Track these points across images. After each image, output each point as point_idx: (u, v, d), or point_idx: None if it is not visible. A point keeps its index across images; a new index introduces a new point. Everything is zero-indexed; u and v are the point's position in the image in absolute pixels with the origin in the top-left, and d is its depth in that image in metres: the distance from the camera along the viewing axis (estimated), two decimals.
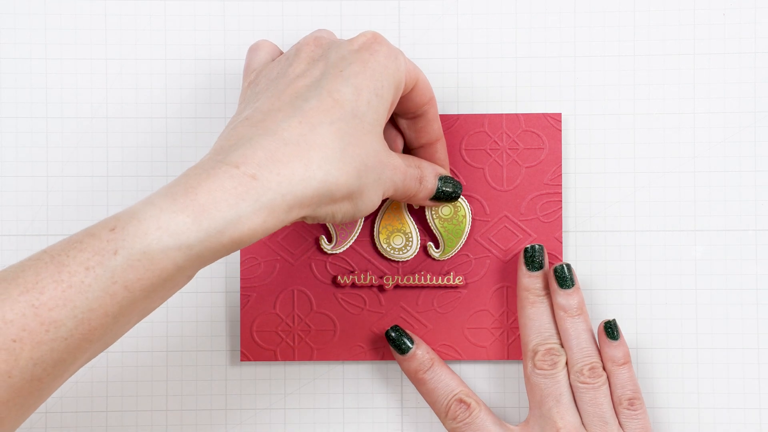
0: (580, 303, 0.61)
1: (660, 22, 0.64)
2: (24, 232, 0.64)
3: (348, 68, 0.51)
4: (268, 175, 0.47)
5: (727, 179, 0.64)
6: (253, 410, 0.64)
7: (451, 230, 0.63)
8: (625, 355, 0.60)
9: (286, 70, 0.53)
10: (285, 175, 0.48)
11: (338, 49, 0.53)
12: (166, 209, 0.46)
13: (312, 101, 0.50)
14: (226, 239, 0.47)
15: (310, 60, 0.53)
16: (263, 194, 0.47)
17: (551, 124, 0.63)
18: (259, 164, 0.47)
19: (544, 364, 0.60)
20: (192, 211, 0.46)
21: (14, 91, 0.64)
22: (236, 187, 0.47)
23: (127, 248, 0.45)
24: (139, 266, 0.45)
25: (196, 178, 0.47)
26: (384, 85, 0.52)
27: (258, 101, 0.52)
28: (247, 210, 0.47)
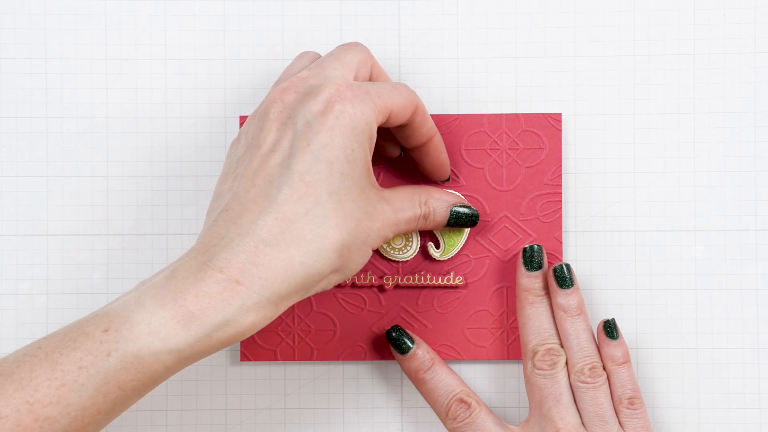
0: (579, 303, 0.61)
1: (660, 22, 0.64)
2: (24, 232, 0.64)
3: (315, 140, 0.51)
4: (251, 279, 0.49)
5: (727, 179, 0.64)
6: (253, 410, 0.64)
7: (451, 230, 0.63)
8: (625, 354, 0.60)
9: (257, 136, 0.53)
10: (267, 277, 0.50)
11: (303, 110, 0.52)
12: (156, 314, 0.48)
13: (284, 190, 0.51)
14: (215, 341, 0.49)
15: (279, 125, 0.53)
16: (248, 298, 0.49)
17: (551, 124, 0.63)
18: (241, 269, 0.49)
19: (543, 364, 0.60)
20: (182, 317, 0.48)
21: (14, 91, 0.64)
22: (222, 293, 0.49)
23: (120, 350, 0.48)
24: (131, 368, 0.48)
25: (184, 282, 0.49)
26: (355, 147, 0.52)
27: (235, 181, 0.53)
28: (233, 314, 0.49)
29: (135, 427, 0.64)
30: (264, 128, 0.53)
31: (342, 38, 0.64)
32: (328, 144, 0.51)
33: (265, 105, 0.54)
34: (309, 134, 0.51)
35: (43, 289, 0.64)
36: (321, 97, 0.52)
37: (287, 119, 0.53)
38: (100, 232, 0.64)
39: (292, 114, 0.52)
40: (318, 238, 0.51)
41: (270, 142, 0.53)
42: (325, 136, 0.51)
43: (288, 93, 0.53)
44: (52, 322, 0.64)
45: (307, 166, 0.51)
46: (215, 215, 0.52)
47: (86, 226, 0.64)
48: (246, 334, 0.50)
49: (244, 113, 0.64)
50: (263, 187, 0.51)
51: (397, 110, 0.55)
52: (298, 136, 0.51)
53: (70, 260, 0.64)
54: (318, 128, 0.51)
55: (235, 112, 0.64)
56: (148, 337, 0.48)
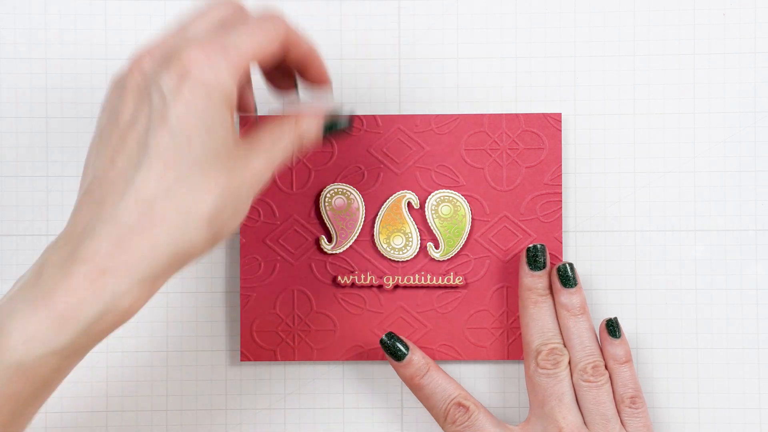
0: (582, 302, 0.61)
1: (660, 22, 0.64)
2: (24, 232, 0.64)
3: (171, 113, 0.49)
4: (117, 266, 0.48)
5: (727, 179, 0.64)
6: (253, 410, 0.64)
7: (451, 230, 0.63)
8: (627, 353, 0.60)
9: (116, 107, 0.51)
10: (134, 262, 0.48)
11: (158, 84, 0.50)
12: (29, 320, 0.47)
13: (143, 169, 0.49)
14: (95, 332, 0.48)
15: (136, 97, 0.51)
16: (118, 286, 0.48)
17: (551, 124, 0.63)
18: (106, 256, 0.48)
19: (547, 364, 0.60)
20: (55, 318, 0.47)
21: (14, 91, 0.64)
22: (89, 287, 0.47)
23: (1, 362, 0.46)
24: (16, 379, 0.47)
25: (51, 279, 0.48)
26: (214, 112, 0.50)
27: (97, 158, 0.51)
28: (106, 305, 0.47)
29: (135, 427, 0.64)
30: (121, 100, 0.51)
31: (342, 38, 0.64)
32: (184, 117, 0.49)
33: (124, 72, 0.52)
34: (164, 109, 0.49)
35: None
36: (175, 66, 0.49)
37: (143, 91, 0.50)
38: None
39: (147, 86, 0.50)
40: (183, 214, 0.49)
41: (127, 117, 0.50)
42: (181, 109, 0.49)
43: (145, 60, 0.51)
44: None
45: (164, 142, 0.49)
46: (79, 197, 0.51)
47: None
48: (127, 317, 0.48)
49: None
50: (122, 168, 0.49)
51: (262, 53, 0.52)
52: (153, 111, 0.49)
53: None
54: (173, 101, 0.49)
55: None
56: (26, 343, 0.46)
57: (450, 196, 0.63)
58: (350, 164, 0.63)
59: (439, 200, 0.63)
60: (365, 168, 0.63)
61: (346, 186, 0.63)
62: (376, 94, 0.64)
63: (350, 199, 0.63)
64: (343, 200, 0.63)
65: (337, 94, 0.64)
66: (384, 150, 0.63)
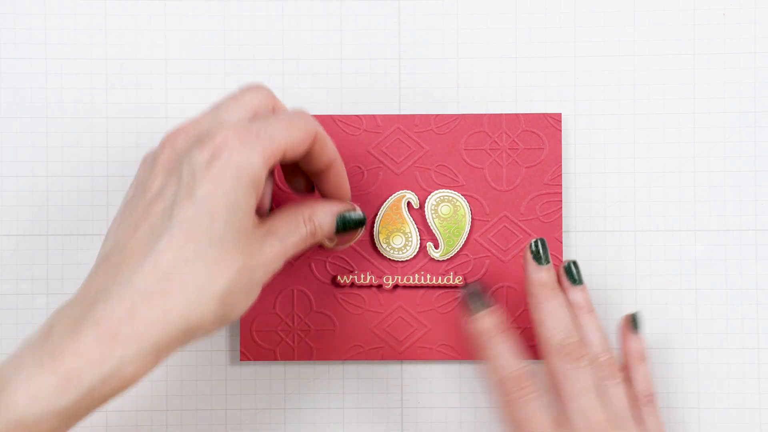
0: (589, 301, 0.60)
1: (660, 22, 0.64)
2: (24, 232, 0.64)
3: (199, 189, 0.50)
4: (128, 331, 0.48)
5: (727, 179, 0.64)
6: (253, 410, 0.64)
7: (451, 230, 0.63)
8: (644, 349, 0.60)
9: (145, 182, 0.53)
10: (145, 330, 0.49)
11: (190, 160, 0.51)
12: (34, 377, 0.47)
13: (164, 239, 0.50)
14: (97, 395, 0.48)
15: (166, 172, 0.52)
16: (126, 350, 0.48)
17: (551, 124, 0.63)
18: (119, 320, 0.48)
19: (571, 358, 0.58)
20: (60, 378, 0.47)
21: (14, 91, 0.64)
22: (99, 348, 0.48)
23: (2, 419, 0.47)
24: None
25: (61, 339, 0.48)
26: (240, 193, 0.51)
27: (119, 227, 0.52)
28: (112, 369, 0.48)
29: (135, 427, 0.64)
30: (152, 174, 0.53)
31: (342, 38, 0.64)
32: (211, 194, 0.50)
33: (156, 149, 0.54)
34: (192, 184, 0.51)
35: (43, 289, 0.64)
36: (208, 146, 0.51)
37: (174, 166, 0.52)
38: (100, 232, 0.64)
39: (179, 161, 0.52)
40: (197, 288, 0.50)
41: (155, 189, 0.52)
42: (209, 186, 0.50)
43: (178, 138, 0.53)
44: None
45: (188, 216, 0.50)
46: (96, 261, 0.52)
47: (86, 226, 0.64)
48: (129, 384, 0.49)
49: None
50: (144, 236, 0.51)
51: (292, 147, 0.53)
52: (182, 186, 0.51)
53: (70, 260, 0.64)
54: (202, 178, 0.51)
55: None
56: (29, 401, 0.47)
57: (450, 196, 0.63)
58: (350, 164, 0.63)
59: (438, 200, 0.63)
60: (365, 168, 0.63)
61: None
62: (376, 94, 0.64)
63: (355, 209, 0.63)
64: None
65: (337, 94, 0.64)
66: (384, 150, 0.63)
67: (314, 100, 0.64)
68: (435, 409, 0.64)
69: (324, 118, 0.63)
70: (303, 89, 0.64)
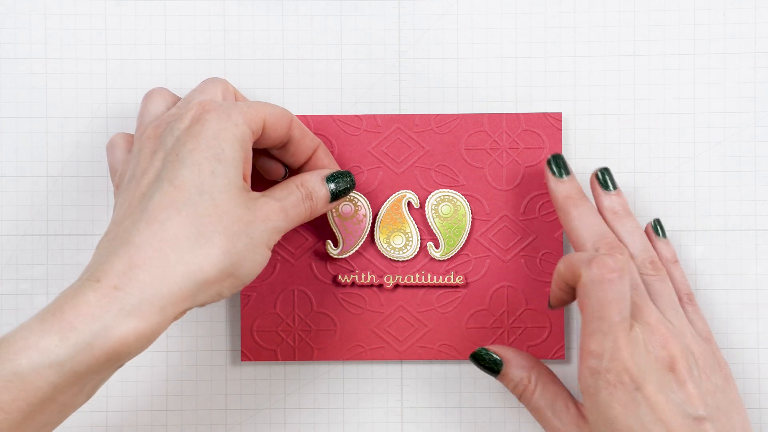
0: (625, 204, 0.60)
1: (660, 22, 0.64)
2: (24, 232, 0.64)
3: (183, 148, 0.52)
4: (128, 283, 0.48)
5: (727, 179, 0.64)
6: (253, 410, 0.64)
7: (451, 230, 0.63)
8: (674, 253, 0.61)
9: (134, 170, 0.54)
10: (145, 279, 0.49)
11: (171, 132, 0.53)
12: (35, 330, 0.47)
13: (155, 197, 0.51)
14: (97, 351, 0.48)
15: (152, 153, 0.53)
16: (127, 302, 0.48)
17: (551, 124, 0.63)
18: (119, 274, 0.49)
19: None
20: (59, 328, 0.47)
21: (14, 91, 0.64)
22: (99, 300, 0.48)
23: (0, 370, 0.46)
24: (12, 387, 0.46)
25: (63, 297, 0.48)
26: (225, 147, 0.52)
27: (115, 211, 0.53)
28: (112, 320, 0.48)
29: (135, 427, 0.64)
30: (140, 161, 0.54)
31: (342, 38, 0.64)
32: (195, 149, 0.51)
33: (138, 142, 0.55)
34: (177, 146, 0.52)
35: (43, 289, 0.64)
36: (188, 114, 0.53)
37: (158, 147, 0.53)
38: (100, 232, 0.64)
39: (162, 141, 0.53)
40: (194, 236, 0.50)
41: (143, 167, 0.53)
42: (192, 142, 0.52)
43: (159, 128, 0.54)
44: None
45: (176, 172, 0.51)
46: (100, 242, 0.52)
47: (86, 226, 0.64)
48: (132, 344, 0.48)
49: None
50: (137, 204, 0.52)
51: (272, 121, 0.55)
52: (168, 152, 0.52)
53: (70, 260, 0.64)
54: (185, 138, 0.52)
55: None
56: (26, 352, 0.46)
57: (450, 196, 0.63)
58: (350, 164, 0.63)
59: (439, 200, 0.63)
60: (365, 168, 0.63)
61: (354, 193, 0.63)
62: (376, 94, 0.64)
63: (357, 206, 0.63)
64: (351, 207, 0.63)
65: (337, 94, 0.64)
66: (384, 150, 0.63)
67: (314, 100, 0.64)
68: (435, 409, 0.64)
69: (324, 118, 0.63)
70: (303, 89, 0.64)
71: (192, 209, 0.50)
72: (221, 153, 0.52)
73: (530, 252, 0.63)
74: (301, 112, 0.64)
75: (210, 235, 0.50)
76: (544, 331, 0.63)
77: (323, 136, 0.63)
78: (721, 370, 0.57)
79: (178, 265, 0.49)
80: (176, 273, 0.49)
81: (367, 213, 0.63)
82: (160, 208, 0.50)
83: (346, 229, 0.63)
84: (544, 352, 0.63)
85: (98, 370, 0.48)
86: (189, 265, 0.50)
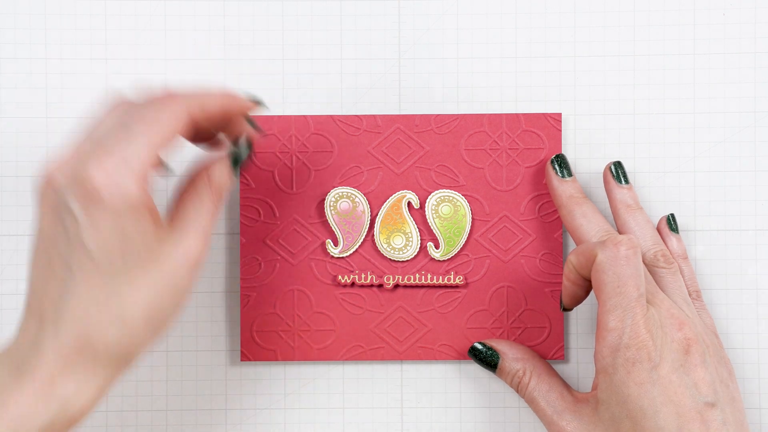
0: (637, 199, 0.61)
1: (660, 22, 0.64)
2: (24, 232, 0.64)
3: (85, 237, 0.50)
4: (63, 374, 0.49)
5: (727, 179, 0.64)
6: (253, 410, 0.64)
7: (451, 230, 0.63)
8: (685, 250, 0.61)
9: (39, 223, 0.52)
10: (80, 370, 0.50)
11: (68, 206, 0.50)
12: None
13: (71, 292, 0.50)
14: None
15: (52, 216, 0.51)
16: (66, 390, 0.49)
17: (551, 124, 0.63)
18: (52, 368, 0.49)
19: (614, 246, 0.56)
20: (8, 428, 0.48)
21: (14, 91, 0.64)
22: (39, 397, 0.49)
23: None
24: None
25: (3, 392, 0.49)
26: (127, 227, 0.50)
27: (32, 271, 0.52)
28: (57, 411, 0.49)
29: (135, 427, 0.64)
30: (42, 214, 0.52)
31: (342, 38, 0.64)
32: (97, 239, 0.50)
33: (41, 185, 0.52)
34: (78, 232, 0.50)
35: None
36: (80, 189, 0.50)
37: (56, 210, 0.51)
38: None
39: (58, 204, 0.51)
40: (118, 322, 0.50)
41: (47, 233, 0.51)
42: (93, 233, 0.50)
43: (56, 176, 0.51)
44: None
45: (85, 265, 0.50)
46: (24, 305, 0.52)
47: None
48: (79, 417, 0.50)
49: None
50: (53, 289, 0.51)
51: (166, 145, 0.52)
52: (70, 234, 0.50)
53: None
54: (84, 226, 0.50)
55: None
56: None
57: (450, 196, 0.63)
58: (350, 164, 0.63)
59: (439, 200, 0.63)
60: (365, 168, 0.63)
61: (351, 189, 0.63)
62: (376, 94, 0.64)
63: (355, 202, 0.63)
64: (348, 204, 0.63)
65: (337, 94, 0.64)
66: (384, 150, 0.63)
67: (314, 100, 0.64)
68: (435, 409, 0.64)
69: (324, 118, 0.63)
70: (303, 89, 0.64)
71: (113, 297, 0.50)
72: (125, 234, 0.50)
73: (530, 252, 0.63)
74: (301, 112, 0.64)
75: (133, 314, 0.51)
76: (544, 332, 0.63)
77: (323, 136, 0.63)
78: (725, 366, 0.57)
79: (107, 349, 0.50)
80: (107, 354, 0.50)
81: (365, 209, 0.63)
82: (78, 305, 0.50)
83: (345, 227, 0.63)
84: (544, 352, 0.63)
85: None
86: (120, 347, 0.51)
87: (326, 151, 0.63)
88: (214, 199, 0.55)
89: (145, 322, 0.51)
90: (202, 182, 0.55)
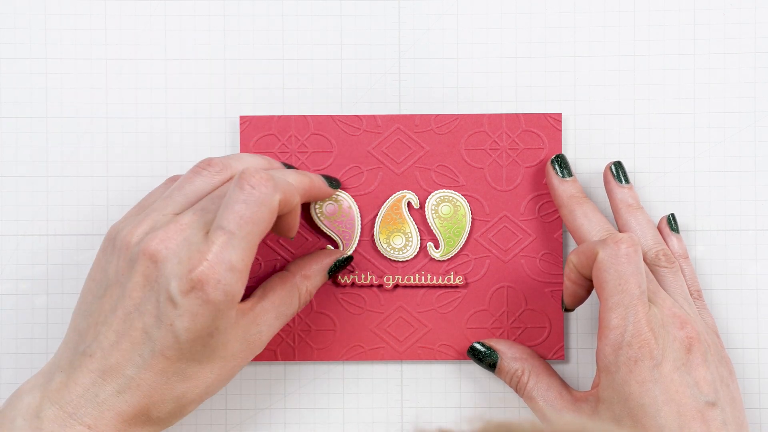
0: (637, 199, 0.61)
1: (660, 22, 0.64)
2: (24, 232, 0.64)
3: (177, 323, 0.51)
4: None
5: (727, 179, 0.64)
6: (253, 410, 0.64)
7: (451, 230, 0.63)
8: (686, 250, 0.62)
9: (124, 283, 0.53)
10: None
11: (168, 287, 0.51)
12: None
13: (147, 363, 0.53)
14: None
15: (144, 286, 0.52)
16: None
17: (551, 124, 0.63)
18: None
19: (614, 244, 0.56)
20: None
21: (14, 91, 0.64)
22: None
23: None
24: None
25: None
26: (219, 323, 0.52)
27: (101, 326, 0.54)
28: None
29: None
30: (131, 278, 0.53)
31: (342, 38, 0.64)
32: (190, 328, 0.52)
33: (131, 249, 0.53)
34: (173, 314, 0.51)
35: (43, 289, 0.64)
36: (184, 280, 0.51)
37: (153, 283, 0.52)
38: (100, 232, 0.64)
39: (157, 279, 0.52)
40: (174, 400, 0.53)
41: (136, 299, 0.52)
42: (188, 322, 0.51)
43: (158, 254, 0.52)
44: (52, 322, 0.63)
45: (169, 344, 0.52)
46: (78, 355, 0.53)
47: (86, 226, 0.64)
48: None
49: (244, 113, 0.64)
50: (125, 352, 0.52)
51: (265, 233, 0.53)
52: (162, 311, 0.52)
53: (70, 260, 0.64)
54: (182, 312, 0.51)
55: (235, 112, 0.64)
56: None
57: (450, 196, 0.63)
58: (350, 164, 0.63)
59: (439, 200, 0.63)
60: (365, 168, 0.63)
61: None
62: (376, 94, 0.64)
63: (338, 200, 0.63)
64: (334, 206, 0.63)
65: (337, 94, 0.64)
66: (384, 150, 0.63)
67: (314, 100, 0.64)
68: (435, 409, 0.64)
69: (324, 118, 0.63)
70: (303, 89, 0.64)
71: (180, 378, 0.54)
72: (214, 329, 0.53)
73: (530, 252, 0.63)
74: (301, 112, 0.64)
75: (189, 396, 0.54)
76: (544, 332, 0.63)
77: (323, 136, 0.63)
78: (726, 366, 0.57)
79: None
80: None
81: (351, 203, 0.63)
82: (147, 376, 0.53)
83: (338, 228, 0.63)
84: (544, 352, 0.63)
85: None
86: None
87: (326, 151, 0.63)
88: (301, 304, 0.59)
89: (198, 400, 0.54)
90: (294, 285, 0.59)
